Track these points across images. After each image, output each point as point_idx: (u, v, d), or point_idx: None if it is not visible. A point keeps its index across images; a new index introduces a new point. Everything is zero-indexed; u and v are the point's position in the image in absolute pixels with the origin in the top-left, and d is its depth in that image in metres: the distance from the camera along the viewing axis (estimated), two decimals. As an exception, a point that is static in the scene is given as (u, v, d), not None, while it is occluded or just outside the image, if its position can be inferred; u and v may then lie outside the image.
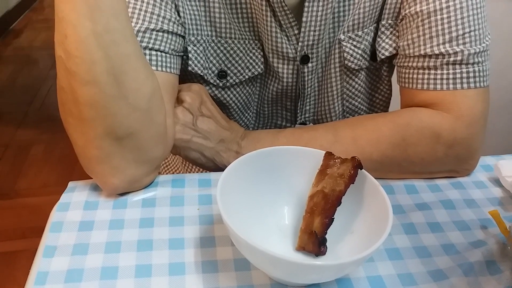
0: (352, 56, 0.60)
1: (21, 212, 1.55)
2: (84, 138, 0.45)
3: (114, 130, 0.44)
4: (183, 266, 0.42)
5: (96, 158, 0.46)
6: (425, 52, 0.54)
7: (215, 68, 0.60)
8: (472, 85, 0.53)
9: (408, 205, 0.51)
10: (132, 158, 0.47)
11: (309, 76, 0.61)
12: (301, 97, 0.63)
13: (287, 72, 0.60)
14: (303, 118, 0.66)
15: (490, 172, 0.57)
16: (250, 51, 0.60)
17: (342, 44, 0.60)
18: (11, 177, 1.71)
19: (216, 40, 0.59)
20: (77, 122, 0.45)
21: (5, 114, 2.10)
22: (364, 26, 0.59)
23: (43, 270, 0.41)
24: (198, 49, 0.58)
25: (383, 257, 0.44)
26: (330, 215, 0.41)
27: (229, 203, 0.40)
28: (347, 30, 0.59)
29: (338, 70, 0.62)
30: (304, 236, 0.42)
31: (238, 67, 0.60)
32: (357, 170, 0.42)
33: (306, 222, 0.42)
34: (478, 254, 0.44)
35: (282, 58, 0.59)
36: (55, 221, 0.47)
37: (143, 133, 0.46)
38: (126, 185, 0.49)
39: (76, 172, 1.73)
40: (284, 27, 0.56)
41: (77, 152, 0.47)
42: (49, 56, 2.68)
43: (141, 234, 0.45)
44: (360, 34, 0.59)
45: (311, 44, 0.58)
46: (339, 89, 0.63)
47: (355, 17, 0.58)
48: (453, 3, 0.53)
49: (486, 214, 0.49)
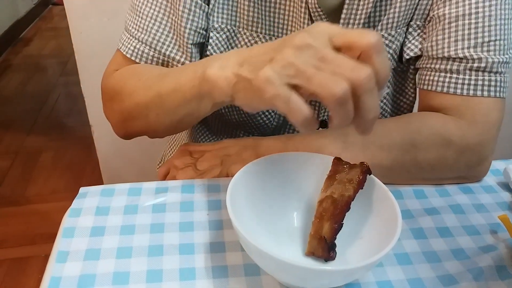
0: None
1: (30, 218, 1.56)
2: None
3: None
4: (193, 271, 0.43)
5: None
6: (449, 54, 0.54)
7: None
8: (492, 93, 0.53)
9: (417, 210, 0.51)
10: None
11: None
12: None
13: None
14: (326, 116, 0.65)
15: (499, 176, 0.57)
16: None
17: None
18: (21, 183, 1.73)
19: (242, 31, 0.59)
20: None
21: (15, 121, 2.13)
22: (398, 26, 0.59)
23: (56, 275, 0.42)
24: (221, 37, 0.59)
25: (393, 262, 0.44)
26: (339, 220, 0.41)
27: (239, 208, 0.40)
28: (381, 28, 0.59)
29: None
30: (314, 242, 0.42)
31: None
32: (366, 176, 0.42)
33: (315, 227, 0.42)
34: (488, 259, 0.44)
35: None
36: (67, 226, 0.47)
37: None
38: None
39: (85, 178, 1.75)
40: (318, 22, 0.57)
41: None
42: (57, 64, 2.71)
43: (152, 240, 0.46)
44: (393, 34, 0.59)
45: None
46: None
47: (390, 16, 0.58)
48: (482, 10, 0.53)
49: (495, 219, 0.49)
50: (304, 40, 0.36)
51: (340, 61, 0.35)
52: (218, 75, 0.42)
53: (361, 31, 0.36)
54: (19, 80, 2.51)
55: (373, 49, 0.35)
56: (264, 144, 0.56)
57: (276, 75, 0.36)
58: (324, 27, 0.37)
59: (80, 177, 1.76)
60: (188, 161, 0.57)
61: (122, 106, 0.56)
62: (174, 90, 0.49)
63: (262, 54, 0.39)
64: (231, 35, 0.59)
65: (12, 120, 2.14)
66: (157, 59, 0.58)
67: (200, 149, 0.58)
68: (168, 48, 0.58)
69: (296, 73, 0.36)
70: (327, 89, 0.35)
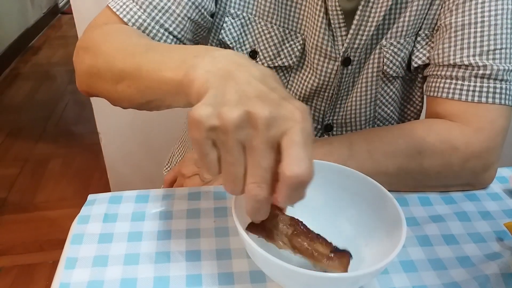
0: (392, 63, 0.61)
1: (39, 225, 1.58)
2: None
3: None
4: (200, 278, 0.43)
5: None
6: (455, 62, 0.55)
7: (249, 46, 0.61)
8: (497, 100, 0.54)
9: (422, 217, 0.51)
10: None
11: (346, 78, 0.62)
12: (333, 97, 0.63)
13: (326, 70, 0.60)
14: (331, 119, 0.66)
15: (505, 183, 0.56)
16: (288, 42, 0.60)
17: (384, 50, 0.60)
18: (29, 190, 1.75)
19: (258, 20, 0.60)
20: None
21: (24, 129, 2.15)
22: (407, 35, 0.60)
23: (65, 281, 0.42)
24: (235, 23, 0.60)
25: (398, 269, 0.44)
26: (314, 235, 0.39)
27: (244, 216, 0.41)
28: (390, 36, 0.59)
29: (375, 76, 0.62)
30: (329, 263, 0.38)
31: (270, 52, 0.61)
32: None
33: (314, 258, 0.39)
34: (494, 266, 0.44)
35: (324, 56, 0.59)
36: (76, 233, 0.48)
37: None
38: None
39: (93, 185, 1.76)
40: (332, 27, 0.57)
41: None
42: (66, 72, 2.74)
43: (159, 246, 0.46)
44: (402, 42, 0.60)
45: (356, 47, 0.59)
46: (373, 95, 0.64)
47: (400, 24, 0.59)
48: (488, 19, 0.54)
49: (501, 226, 0.49)
50: (272, 121, 0.32)
51: (261, 171, 0.32)
52: (200, 80, 0.36)
53: (298, 159, 0.31)
54: (28, 89, 2.54)
55: (288, 182, 0.31)
56: None
57: (207, 122, 0.32)
58: (299, 128, 0.32)
59: (88, 184, 1.77)
60: (195, 169, 0.58)
61: (94, 61, 0.50)
62: (156, 70, 0.42)
63: (245, 89, 0.33)
64: (245, 22, 0.60)
65: (21, 128, 2.17)
66: (145, 23, 0.54)
67: None
68: (159, 14, 0.54)
69: (223, 141, 0.32)
70: (226, 187, 0.34)
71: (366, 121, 0.66)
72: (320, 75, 0.61)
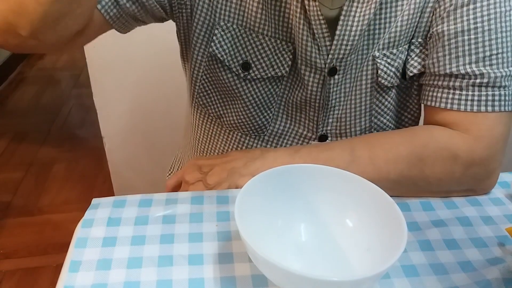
0: (386, 74, 0.60)
1: (43, 228, 1.58)
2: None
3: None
4: (202, 281, 0.43)
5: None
6: (451, 71, 0.54)
7: (241, 58, 0.60)
8: (496, 108, 0.53)
9: (424, 222, 0.51)
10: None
11: (334, 88, 0.61)
12: (324, 108, 0.63)
13: (313, 80, 0.60)
14: (325, 130, 0.65)
15: (507, 188, 0.57)
16: (280, 52, 0.60)
17: (377, 61, 0.59)
18: (34, 194, 1.76)
19: (248, 32, 0.59)
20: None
21: (28, 133, 2.17)
22: (399, 45, 0.59)
23: (68, 285, 0.43)
24: (225, 35, 0.59)
25: (399, 274, 0.44)
26: None
27: (247, 220, 0.41)
28: (382, 47, 0.59)
29: (369, 86, 0.62)
30: None
31: (263, 63, 0.60)
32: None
33: None
34: (496, 271, 0.44)
35: (310, 66, 0.59)
36: (80, 237, 0.48)
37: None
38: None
39: (97, 189, 1.77)
40: (316, 37, 0.56)
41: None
42: (71, 77, 2.76)
43: (161, 250, 0.47)
44: (395, 52, 0.59)
45: (341, 57, 0.58)
46: (368, 105, 0.63)
47: (391, 35, 0.58)
48: (481, 25, 0.53)
49: (503, 231, 0.49)
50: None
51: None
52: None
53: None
54: (33, 93, 2.56)
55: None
56: (271, 156, 0.56)
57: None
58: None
59: (92, 188, 1.78)
60: (198, 175, 0.58)
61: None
62: None
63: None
64: (236, 34, 0.59)
65: (26, 131, 2.18)
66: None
67: (208, 163, 0.59)
68: None
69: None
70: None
71: (362, 131, 0.66)
72: (308, 85, 0.60)
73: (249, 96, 0.63)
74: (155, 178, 1.45)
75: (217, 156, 0.62)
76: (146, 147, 1.43)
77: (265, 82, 0.62)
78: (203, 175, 0.58)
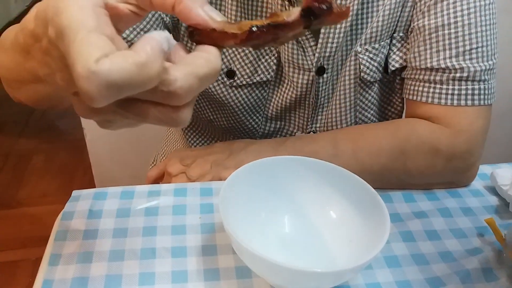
0: (368, 69, 0.60)
1: (21, 221, 1.55)
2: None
3: None
4: (185, 274, 0.43)
5: None
6: (432, 65, 0.55)
7: (225, 66, 0.60)
8: (476, 102, 0.54)
9: (406, 214, 0.52)
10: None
11: (323, 87, 0.61)
12: (313, 106, 0.63)
13: (302, 82, 0.60)
14: (314, 127, 0.66)
15: (486, 180, 0.58)
16: (263, 57, 0.60)
17: (359, 56, 0.59)
18: (12, 186, 1.72)
19: None
20: None
21: (6, 124, 2.11)
22: (381, 39, 0.59)
23: (48, 278, 0.42)
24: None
25: (382, 265, 0.45)
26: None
27: (231, 212, 0.41)
28: (364, 42, 0.59)
29: (353, 82, 0.62)
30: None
31: (247, 70, 0.60)
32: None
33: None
34: (475, 261, 0.45)
35: (298, 68, 0.59)
36: (60, 229, 0.48)
37: None
38: None
39: (77, 181, 1.74)
40: (300, 39, 0.56)
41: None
42: (50, 66, 2.70)
43: (144, 243, 0.46)
44: (377, 47, 0.59)
45: (328, 55, 0.58)
46: (353, 101, 0.63)
47: (373, 30, 0.58)
48: (461, 19, 0.53)
49: (482, 222, 0.50)
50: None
51: None
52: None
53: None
54: (10, 82, 2.49)
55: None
56: (255, 149, 0.56)
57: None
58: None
59: (72, 180, 1.75)
60: (181, 167, 0.57)
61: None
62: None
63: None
64: None
65: (3, 122, 2.12)
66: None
67: (191, 155, 0.58)
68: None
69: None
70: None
71: (348, 126, 0.66)
72: (297, 86, 0.61)
73: (237, 103, 0.63)
74: (137, 170, 1.43)
75: (199, 148, 0.62)
76: (128, 139, 1.41)
77: (251, 87, 0.62)
78: (186, 167, 0.57)
